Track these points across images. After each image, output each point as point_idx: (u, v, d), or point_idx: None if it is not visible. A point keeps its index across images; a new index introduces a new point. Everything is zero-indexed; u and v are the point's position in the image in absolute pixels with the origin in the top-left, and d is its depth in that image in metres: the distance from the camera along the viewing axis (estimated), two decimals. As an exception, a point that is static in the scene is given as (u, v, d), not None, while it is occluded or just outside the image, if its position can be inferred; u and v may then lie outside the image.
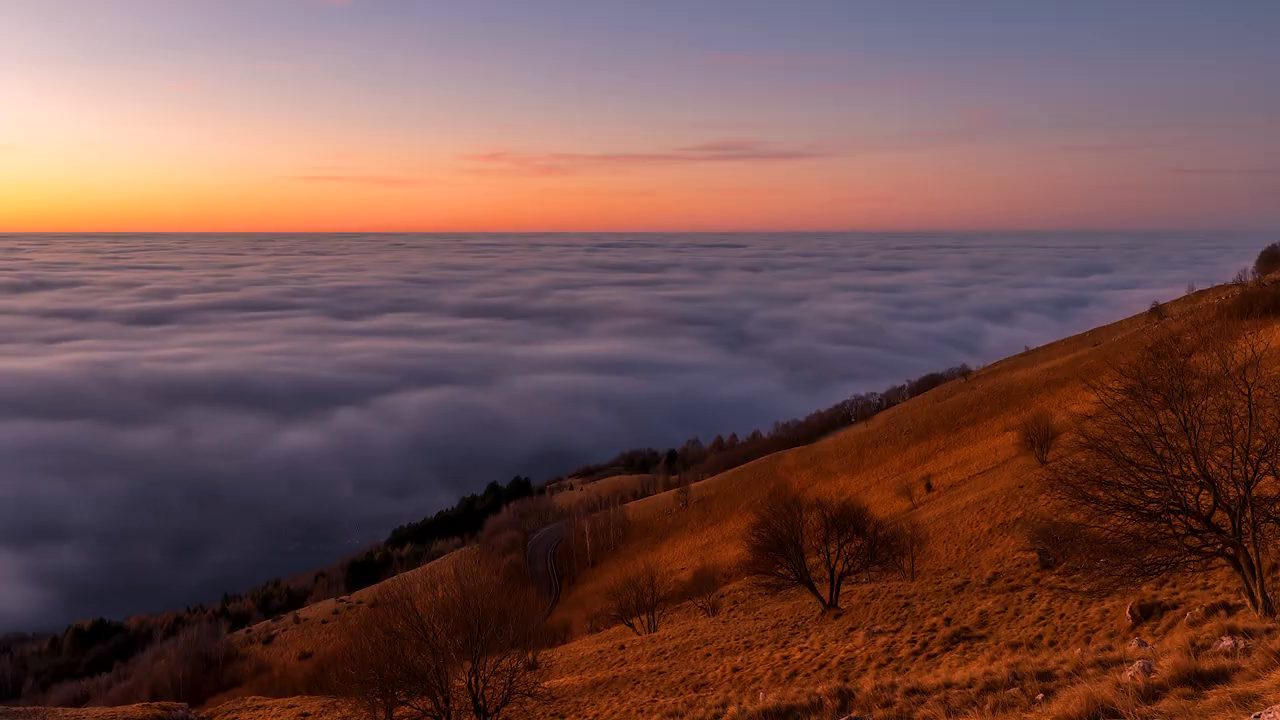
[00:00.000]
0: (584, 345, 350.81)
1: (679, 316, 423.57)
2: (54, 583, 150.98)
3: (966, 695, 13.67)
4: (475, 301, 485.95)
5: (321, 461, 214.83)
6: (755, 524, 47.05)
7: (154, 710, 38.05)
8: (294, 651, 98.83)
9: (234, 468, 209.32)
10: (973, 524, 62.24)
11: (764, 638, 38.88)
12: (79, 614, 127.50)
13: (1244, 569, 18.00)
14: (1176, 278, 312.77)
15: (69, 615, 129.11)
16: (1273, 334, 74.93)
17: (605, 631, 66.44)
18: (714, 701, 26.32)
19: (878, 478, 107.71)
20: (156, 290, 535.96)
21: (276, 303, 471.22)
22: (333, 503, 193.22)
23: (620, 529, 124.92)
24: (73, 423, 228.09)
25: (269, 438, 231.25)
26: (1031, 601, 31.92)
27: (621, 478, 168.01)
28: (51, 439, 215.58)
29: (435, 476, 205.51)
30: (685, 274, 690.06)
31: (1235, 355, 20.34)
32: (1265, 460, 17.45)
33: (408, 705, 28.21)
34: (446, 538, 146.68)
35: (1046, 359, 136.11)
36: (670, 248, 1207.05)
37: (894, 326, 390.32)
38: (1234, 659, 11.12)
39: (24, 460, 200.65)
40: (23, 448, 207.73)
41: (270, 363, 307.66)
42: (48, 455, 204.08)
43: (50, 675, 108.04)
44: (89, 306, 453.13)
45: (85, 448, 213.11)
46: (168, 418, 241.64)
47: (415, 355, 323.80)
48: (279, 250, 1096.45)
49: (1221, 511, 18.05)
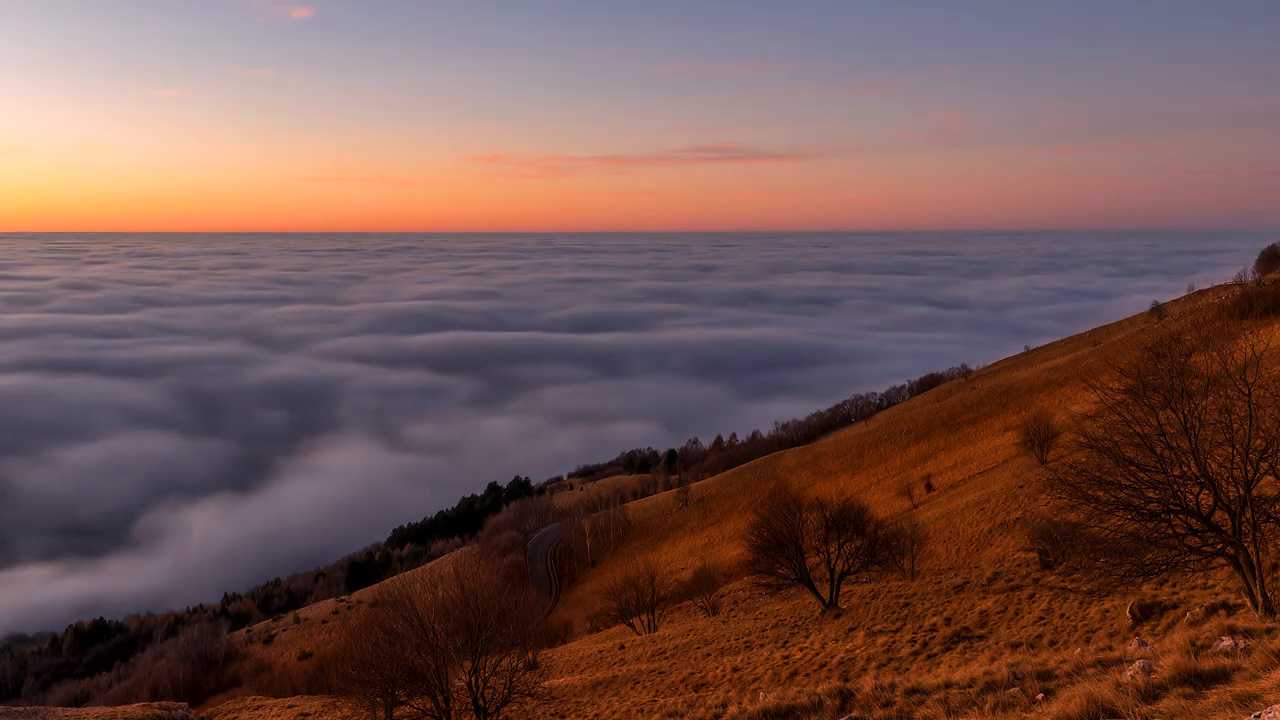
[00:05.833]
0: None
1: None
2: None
3: (966, 695, 13.67)
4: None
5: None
6: (755, 524, 47.00)
7: (154, 710, 38.06)
8: (294, 651, 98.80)
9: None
10: (973, 524, 62.22)
11: (764, 637, 38.87)
12: (79, 614, 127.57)
13: (1244, 569, 17.99)
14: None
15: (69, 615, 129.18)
16: (1273, 334, 74.88)
17: (605, 631, 66.50)
18: (714, 701, 26.27)
19: (878, 477, 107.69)
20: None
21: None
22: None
23: (620, 529, 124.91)
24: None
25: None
26: (1031, 601, 31.91)
27: (621, 478, 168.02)
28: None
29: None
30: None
31: (1235, 355, 20.31)
32: (1265, 460, 17.42)
33: (408, 705, 28.22)
34: (446, 538, 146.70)
35: (1046, 359, 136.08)
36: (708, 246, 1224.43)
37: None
38: (1234, 659, 11.11)
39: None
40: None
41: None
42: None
43: (50, 675, 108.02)
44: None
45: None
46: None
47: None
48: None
49: (1221, 511, 18.03)
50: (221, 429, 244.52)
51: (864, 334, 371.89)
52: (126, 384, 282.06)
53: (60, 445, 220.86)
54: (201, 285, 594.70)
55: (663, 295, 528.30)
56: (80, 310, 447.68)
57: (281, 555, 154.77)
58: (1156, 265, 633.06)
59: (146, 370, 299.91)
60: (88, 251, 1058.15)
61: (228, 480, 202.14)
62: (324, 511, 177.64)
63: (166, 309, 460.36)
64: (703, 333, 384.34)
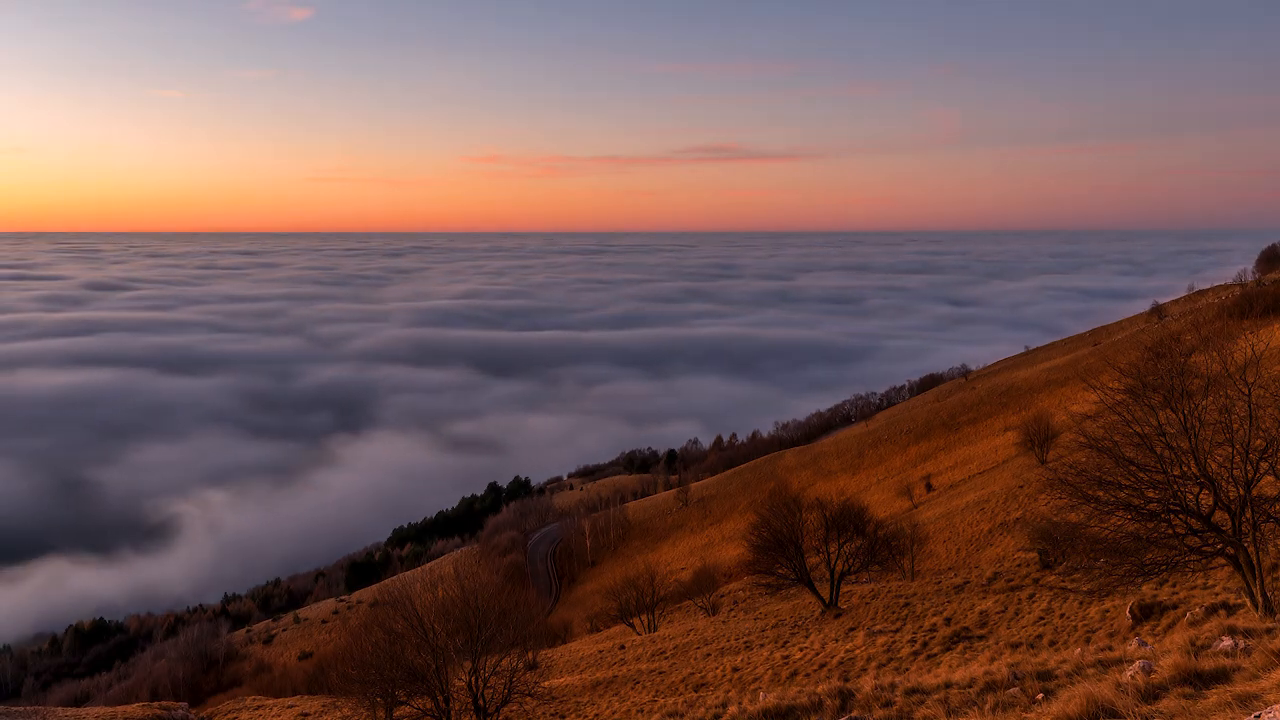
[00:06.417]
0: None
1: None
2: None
3: (966, 695, 13.66)
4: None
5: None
6: (755, 524, 46.99)
7: (154, 710, 38.05)
8: (294, 651, 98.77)
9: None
10: (973, 524, 62.22)
11: (764, 637, 38.86)
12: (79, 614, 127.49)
13: (1244, 569, 17.98)
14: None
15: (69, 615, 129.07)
16: (1273, 334, 74.88)
17: (605, 631, 66.47)
18: (714, 701, 26.27)
19: (878, 477, 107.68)
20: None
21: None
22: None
23: (620, 529, 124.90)
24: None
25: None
26: (1031, 601, 31.90)
27: (621, 478, 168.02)
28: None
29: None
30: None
31: (1235, 355, 20.31)
32: (1265, 460, 17.41)
33: (408, 705, 28.21)
34: (446, 538, 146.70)
35: (1046, 359, 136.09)
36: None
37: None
38: (1234, 659, 11.11)
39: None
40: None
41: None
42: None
43: (50, 675, 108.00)
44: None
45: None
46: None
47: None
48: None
49: (1221, 511, 18.01)
50: (278, 427, 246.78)
51: (898, 333, 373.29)
52: (201, 382, 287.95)
53: (139, 444, 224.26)
54: (240, 285, 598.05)
55: (692, 295, 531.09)
56: (131, 308, 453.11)
57: (282, 555, 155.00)
58: (1168, 265, 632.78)
59: (217, 368, 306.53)
60: (99, 251, 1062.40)
61: (282, 473, 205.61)
62: (365, 506, 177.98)
63: (205, 307, 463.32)
64: (737, 331, 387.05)
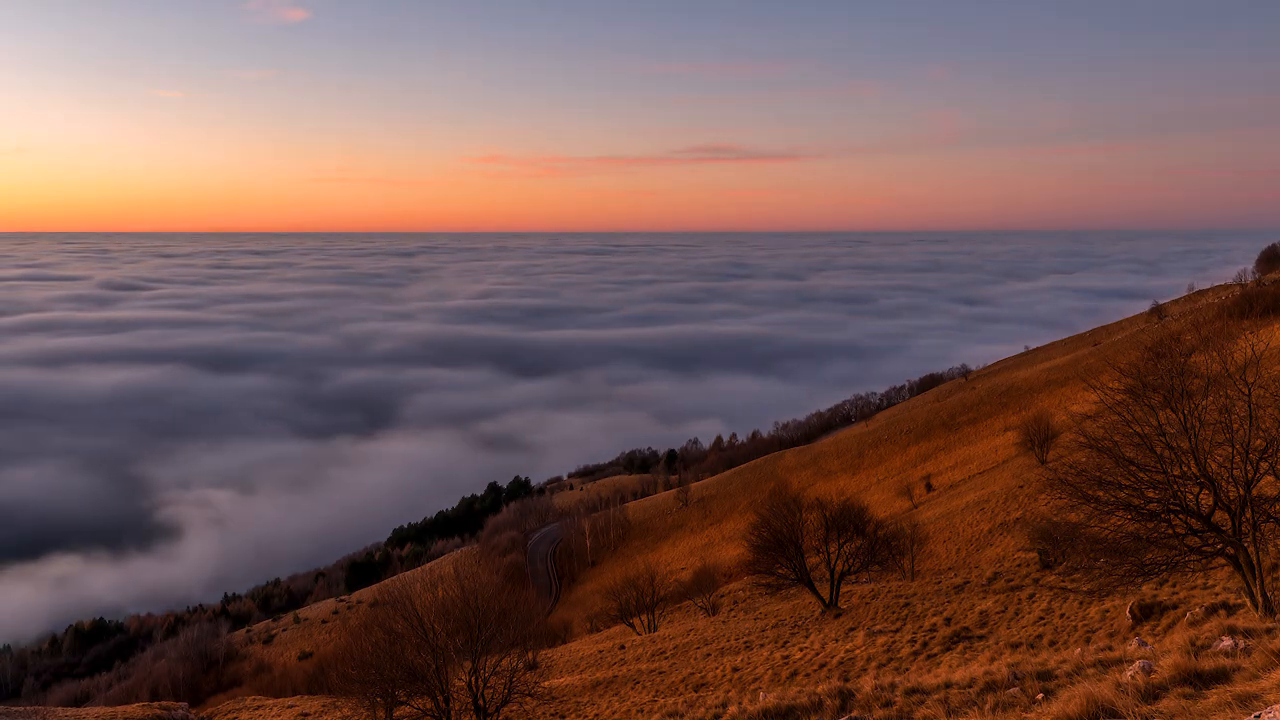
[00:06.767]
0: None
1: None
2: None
3: (966, 695, 13.66)
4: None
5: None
6: (755, 524, 46.98)
7: (154, 710, 38.05)
8: (294, 651, 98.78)
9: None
10: (973, 524, 62.21)
11: (764, 638, 38.86)
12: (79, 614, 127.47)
13: (1244, 569, 17.97)
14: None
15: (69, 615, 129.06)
16: (1273, 334, 74.87)
17: (605, 631, 66.45)
18: (714, 701, 26.27)
19: (878, 477, 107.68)
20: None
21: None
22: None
23: (620, 529, 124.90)
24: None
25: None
26: (1031, 601, 31.90)
27: (621, 478, 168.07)
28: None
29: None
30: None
31: (1235, 355, 20.32)
32: (1265, 460, 17.41)
33: (408, 705, 28.21)
34: (446, 538, 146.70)
35: (1046, 359, 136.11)
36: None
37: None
38: (1234, 659, 11.11)
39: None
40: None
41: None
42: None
43: (50, 675, 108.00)
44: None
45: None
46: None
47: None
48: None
49: (1221, 511, 18.01)
50: (319, 425, 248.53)
51: (921, 332, 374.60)
52: (243, 380, 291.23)
53: (192, 441, 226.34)
54: (263, 285, 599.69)
55: (711, 295, 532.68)
56: (159, 307, 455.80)
57: (282, 555, 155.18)
58: (1174, 264, 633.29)
59: (253, 364, 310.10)
60: (107, 251, 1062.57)
61: (321, 466, 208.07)
62: (397, 502, 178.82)
63: (232, 306, 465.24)
64: (760, 330, 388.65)
